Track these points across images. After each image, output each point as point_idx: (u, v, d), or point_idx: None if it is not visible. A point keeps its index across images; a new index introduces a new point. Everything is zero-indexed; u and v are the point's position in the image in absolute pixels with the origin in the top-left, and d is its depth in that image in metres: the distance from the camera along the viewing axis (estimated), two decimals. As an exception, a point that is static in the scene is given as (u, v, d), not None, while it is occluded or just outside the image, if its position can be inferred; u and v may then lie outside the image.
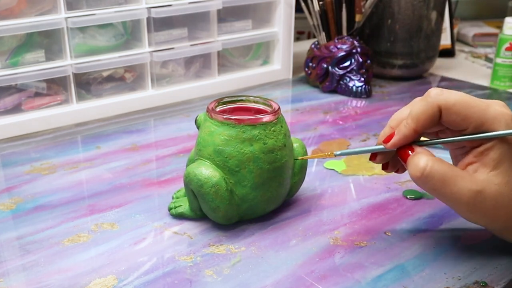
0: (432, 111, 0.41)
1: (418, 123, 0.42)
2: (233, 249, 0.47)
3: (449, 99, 0.41)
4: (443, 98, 0.41)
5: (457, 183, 0.41)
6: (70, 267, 0.45)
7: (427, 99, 0.42)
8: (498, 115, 0.41)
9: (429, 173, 0.41)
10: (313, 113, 0.81)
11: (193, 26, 0.85)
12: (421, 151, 0.43)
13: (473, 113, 0.41)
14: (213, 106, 0.50)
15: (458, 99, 0.41)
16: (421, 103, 0.42)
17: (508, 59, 0.92)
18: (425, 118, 0.42)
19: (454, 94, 0.41)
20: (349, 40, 0.89)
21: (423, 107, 0.42)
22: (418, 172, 0.41)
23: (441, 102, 0.41)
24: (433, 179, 0.41)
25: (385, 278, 0.43)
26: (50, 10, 0.72)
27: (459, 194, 0.41)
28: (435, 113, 0.42)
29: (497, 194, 0.41)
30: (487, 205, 0.41)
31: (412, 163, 0.42)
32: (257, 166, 0.48)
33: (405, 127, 0.43)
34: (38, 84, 0.74)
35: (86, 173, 0.62)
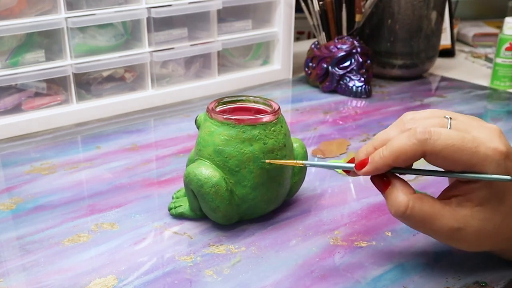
0: (414, 154, 0.39)
1: (396, 160, 0.39)
2: (233, 249, 0.47)
3: (436, 145, 0.38)
4: (430, 144, 0.38)
5: (437, 221, 0.39)
6: (70, 267, 0.45)
7: (411, 139, 0.38)
8: (488, 156, 0.38)
9: (410, 214, 0.39)
10: (313, 113, 0.81)
11: (193, 26, 0.85)
12: (399, 187, 0.40)
13: (461, 156, 0.38)
14: (213, 106, 0.50)
15: (445, 145, 0.38)
16: (404, 141, 0.39)
17: (508, 59, 0.92)
18: (404, 158, 0.39)
19: (442, 137, 0.38)
20: (349, 40, 0.89)
21: (405, 146, 0.39)
22: (398, 212, 0.40)
23: (427, 148, 0.38)
24: (414, 219, 0.40)
25: (385, 278, 0.43)
26: (50, 10, 0.72)
27: (439, 231, 0.40)
28: (417, 157, 0.39)
29: (479, 230, 0.39)
30: (469, 239, 0.40)
31: (390, 200, 0.40)
32: (257, 166, 0.48)
33: (380, 159, 0.40)
34: (38, 84, 0.74)
35: (86, 173, 0.62)
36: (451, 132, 0.38)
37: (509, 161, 0.39)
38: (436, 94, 0.91)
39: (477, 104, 0.86)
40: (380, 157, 0.40)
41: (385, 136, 0.42)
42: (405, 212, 0.39)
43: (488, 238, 0.40)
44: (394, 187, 0.40)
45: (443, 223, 0.39)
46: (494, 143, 0.38)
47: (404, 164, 0.40)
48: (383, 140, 0.41)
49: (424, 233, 0.41)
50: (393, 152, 0.39)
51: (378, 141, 0.42)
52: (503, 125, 0.78)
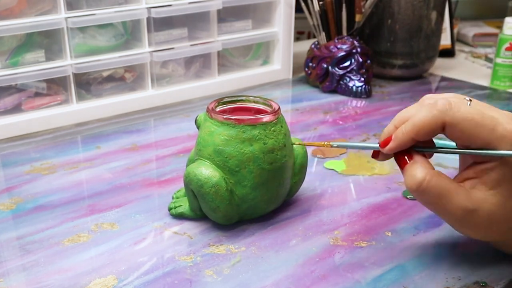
0: (435, 125, 0.40)
1: (418, 133, 0.40)
2: (233, 249, 0.47)
3: (455, 117, 0.39)
4: (450, 115, 0.39)
5: (452, 200, 0.40)
6: (70, 267, 0.45)
7: (432, 111, 0.39)
8: (505, 137, 0.39)
9: (425, 188, 0.40)
10: (313, 113, 0.81)
11: (193, 26, 0.85)
12: (419, 161, 0.41)
13: (480, 132, 0.39)
14: (213, 106, 0.50)
15: (465, 118, 0.39)
16: (425, 113, 0.40)
17: (508, 59, 0.92)
18: (426, 131, 0.40)
19: (462, 110, 0.39)
20: (349, 40, 0.89)
21: (426, 119, 0.40)
22: (414, 184, 0.40)
23: (447, 119, 0.39)
24: (429, 193, 0.40)
25: (385, 278, 0.43)
26: (50, 10, 0.72)
27: (453, 210, 0.40)
28: (438, 127, 0.40)
29: (491, 213, 0.40)
30: (479, 223, 0.40)
31: (409, 173, 0.41)
32: (257, 166, 0.48)
33: (402, 135, 0.41)
34: (38, 84, 0.74)
35: (86, 173, 0.62)
36: (471, 108, 0.39)
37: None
38: (436, 94, 0.91)
39: (477, 104, 0.86)
40: (402, 133, 0.41)
41: (406, 113, 0.42)
42: (421, 184, 0.40)
43: (498, 224, 0.41)
44: (415, 162, 0.41)
45: (458, 202, 0.40)
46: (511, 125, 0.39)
47: (427, 137, 0.41)
48: (404, 118, 0.42)
49: (436, 212, 0.41)
50: (415, 126, 0.40)
51: (399, 119, 0.43)
52: (503, 125, 0.78)
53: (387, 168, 0.62)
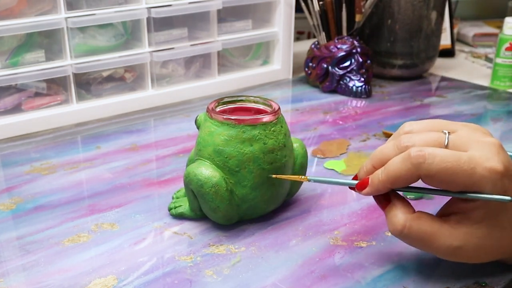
0: (410, 177, 0.39)
1: (394, 183, 0.40)
2: (233, 249, 0.47)
3: (430, 169, 0.38)
4: (425, 168, 0.38)
5: (437, 240, 0.40)
6: (70, 267, 0.45)
7: (406, 164, 0.38)
8: (484, 177, 0.37)
9: (407, 233, 0.40)
10: (313, 113, 0.81)
11: (193, 26, 0.85)
12: (398, 205, 0.41)
13: (458, 179, 0.38)
14: (213, 106, 0.50)
15: (440, 169, 0.37)
16: (399, 165, 0.39)
17: (508, 59, 0.92)
18: (400, 182, 0.40)
19: (437, 161, 0.37)
20: (349, 40, 0.89)
21: (401, 171, 0.39)
22: (396, 231, 0.40)
23: (422, 172, 0.38)
24: (411, 238, 0.40)
25: (385, 278, 0.43)
26: (50, 10, 0.72)
27: (439, 249, 0.40)
28: (413, 178, 0.39)
29: (479, 246, 0.40)
30: (469, 255, 0.41)
31: (389, 218, 0.41)
32: (257, 166, 0.48)
33: (378, 182, 0.41)
34: (38, 84, 0.74)
35: (86, 173, 0.62)
36: (446, 154, 0.38)
37: (507, 179, 0.38)
38: (436, 94, 0.91)
39: (477, 104, 0.86)
40: (378, 180, 0.41)
41: (382, 154, 0.42)
42: (402, 231, 0.40)
43: (489, 253, 0.41)
44: (394, 206, 0.41)
45: (442, 242, 0.40)
46: (491, 162, 0.38)
47: (403, 186, 0.40)
48: (381, 160, 0.42)
49: (424, 250, 0.42)
50: (389, 177, 0.40)
51: (376, 160, 0.42)
52: (503, 125, 0.78)
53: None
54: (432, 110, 0.83)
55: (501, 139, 0.72)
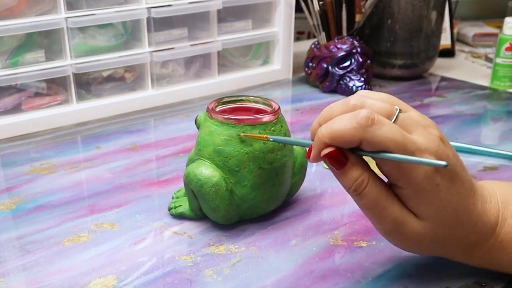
0: (352, 138, 0.36)
1: (333, 141, 0.37)
2: (233, 249, 0.47)
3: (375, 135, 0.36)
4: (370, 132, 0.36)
5: (388, 208, 0.38)
6: (70, 267, 0.45)
7: (352, 123, 0.36)
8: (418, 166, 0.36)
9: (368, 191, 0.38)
10: (313, 113, 0.81)
11: (193, 26, 0.85)
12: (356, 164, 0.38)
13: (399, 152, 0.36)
14: (213, 106, 0.50)
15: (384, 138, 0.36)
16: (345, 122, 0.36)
17: (508, 59, 0.92)
18: (342, 140, 0.37)
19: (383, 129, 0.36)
20: (349, 40, 0.89)
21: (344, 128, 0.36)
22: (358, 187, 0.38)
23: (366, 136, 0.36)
24: (368, 196, 0.38)
25: (385, 278, 0.43)
26: (50, 10, 0.72)
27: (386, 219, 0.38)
28: (355, 140, 0.36)
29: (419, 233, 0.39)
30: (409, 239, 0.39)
31: (349, 174, 0.38)
32: (257, 166, 0.48)
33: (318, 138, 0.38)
34: (38, 84, 0.74)
35: (86, 173, 0.62)
36: (394, 127, 0.36)
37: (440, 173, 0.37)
38: (436, 94, 0.91)
39: (477, 104, 0.86)
40: (318, 136, 0.38)
41: (329, 111, 0.39)
42: (365, 188, 0.38)
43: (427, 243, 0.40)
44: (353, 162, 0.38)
45: (391, 212, 0.38)
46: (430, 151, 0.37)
47: (341, 146, 0.37)
48: (328, 116, 0.39)
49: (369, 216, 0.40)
50: (332, 132, 0.37)
51: (323, 117, 0.39)
52: (503, 125, 0.78)
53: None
54: (432, 110, 0.83)
55: (501, 139, 0.73)
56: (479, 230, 0.40)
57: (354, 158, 0.38)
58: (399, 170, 0.37)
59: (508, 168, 0.63)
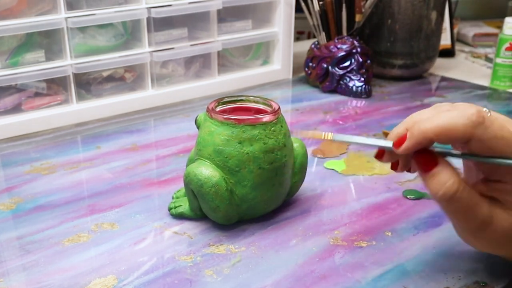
0: (462, 134, 0.36)
1: (440, 134, 0.36)
2: (233, 249, 0.47)
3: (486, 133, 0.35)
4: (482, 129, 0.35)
5: (477, 211, 0.37)
6: (70, 267, 0.45)
7: (464, 118, 0.35)
8: None
9: (459, 197, 0.37)
10: (313, 113, 0.81)
11: (193, 26, 0.85)
12: (449, 167, 0.37)
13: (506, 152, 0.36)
14: (213, 106, 0.50)
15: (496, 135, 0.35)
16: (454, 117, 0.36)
17: (508, 59, 0.92)
18: (449, 135, 0.36)
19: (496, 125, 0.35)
20: (349, 40, 0.89)
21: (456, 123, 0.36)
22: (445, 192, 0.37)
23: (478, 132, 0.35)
24: (459, 203, 0.37)
25: (385, 278, 0.43)
26: (50, 10, 0.72)
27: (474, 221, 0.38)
28: (463, 137, 0.36)
29: (507, 232, 0.38)
30: (492, 238, 0.39)
31: (438, 179, 0.37)
32: (257, 166, 0.48)
33: (419, 132, 0.37)
34: (38, 84, 0.74)
35: (86, 173, 0.62)
36: (505, 122, 0.36)
37: None
38: (436, 94, 0.91)
39: (477, 104, 0.85)
40: (420, 130, 0.37)
41: (420, 116, 0.39)
42: (455, 194, 0.36)
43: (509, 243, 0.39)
44: (443, 167, 0.37)
45: (481, 214, 0.37)
46: None
47: (445, 143, 0.37)
48: (417, 120, 0.38)
49: (457, 220, 0.39)
50: (438, 126, 0.36)
51: (411, 122, 0.39)
52: (503, 125, 0.78)
53: (387, 168, 0.62)
54: (432, 110, 0.83)
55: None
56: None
57: (444, 161, 0.38)
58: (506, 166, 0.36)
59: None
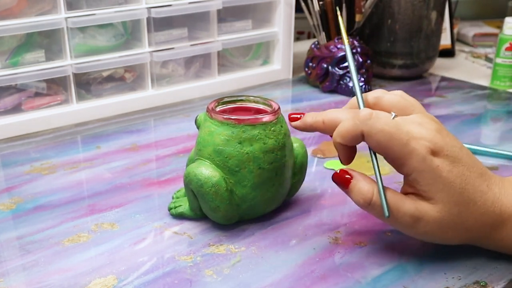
0: (355, 133, 0.42)
1: (343, 140, 0.43)
2: (233, 249, 0.47)
3: (373, 127, 0.41)
4: (369, 125, 0.41)
5: (400, 208, 0.42)
6: (70, 267, 0.45)
7: (354, 120, 0.42)
8: (415, 150, 0.40)
9: (375, 202, 0.42)
10: (313, 113, 0.81)
11: (193, 26, 0.85)
12: (361, 177, 0.44)
13: (393, 145, 0.40)
14: (213, 106, 0.50)
15: (381, 129, 0.40)
16: (348, 122, 0.43)
17: (508, 59, 0.92)
18: (348, 138, 0.43)
19: (380, 122, 0.41)
20: (349, 40, 0.89)
21: (349, 127, 0.42)
22: (365, 200, 0.42)
23: (365, 128, 0.41)
24: (378, 208, 0.42)
25: (385, 278, 0.43)
26: (50, 10, 0.72)
27: (403, 219, 0.42)
28: (358, 136, 0.42)
29: (439, 221, 0.41)
30: (432, 229, 0.42)
31: (355, 191, 0.43)
32: (257, 166, 0.48)
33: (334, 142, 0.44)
34: (38, 84, 0.74)
35: (86, 173, 0.62)
36: (391, 121, 0.41)
37: (438, 158, 0.41)
38: (436, 94, 0.92)
39: (477, 104, 0.86)
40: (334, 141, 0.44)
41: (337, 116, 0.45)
42: (371, 199, 0.42)
43: (452, 230, 0.42)
44: (358, 179, 0.43)
45: (405, 210, 0.41)
46: (426, 140, 0.41)
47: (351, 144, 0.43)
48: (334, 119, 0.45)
49: (389, 223, 0.43)
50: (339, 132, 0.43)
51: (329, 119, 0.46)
52: (503, 125, 0.78)
53: (387, 168, 0.62)
54: (432, 110, 0.83)
55: (501, 139, 0.73)
56: (498, 210, 0.42)
57: (357, 174, 0.44)
58: (399, 160, 0.41)
59: (508, 168, 0.63)
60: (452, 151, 0.41)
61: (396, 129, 0.41)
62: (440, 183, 0.41)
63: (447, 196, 0.41)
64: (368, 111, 0.41)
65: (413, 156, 0.40)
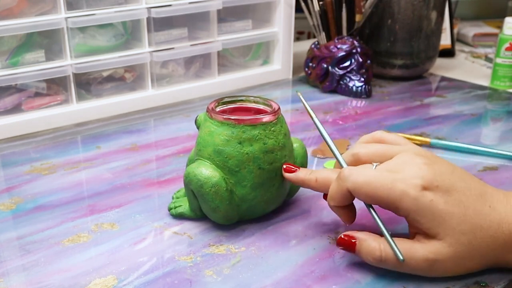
0: (341, 192, 0.43)
1: (335, 201, 0.44)
2: (233, 249, 0.47)
3: (356, 182, 0.41)
4: (351, 181, 0.42)
5: (413, 256, 0.41)
6: (70, 267, 0.45)
7: (338, 181, 0.43)
8: (404, 191, 0.40)
9: (386, 257, 0.42)
10: (313, 113, 0.81)
11: (193, 26, 0.85)
12: (365, 236, 0.43)
13: (381, 193, 0.41)
14: (213, 106, 0.50)
15: (364, 181, 0.41)
16: (333, 184, 0.44)
17: (508, 59, 0.92)
18: (338, 200, 0.44)
19: (361, 175, 0.41)
20: (349, 40, 0.89)
21: (335, 188, 0.43)
22: (375, 259, 0.42)
23: (349, 185, 0.42)
24: (390, 260, 0.42)
25: (385, 278, 0.43)
26: (50, 10, 0.72)
27: (418, 266, 0.41)
28: (347, 194, 0.43)
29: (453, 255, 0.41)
30: (448, 267, 0.41)
31: (364, 251, 0.43)
32: (257, 166, 0.48)
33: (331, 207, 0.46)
34: (38, 84, 0.74)
35: (86, 173, 0.62)
36: (370, 171, 0.42)
37: (430, 191, 0.40)
38: (436, 94, 0.92)
39: (477, 104, 0.86)
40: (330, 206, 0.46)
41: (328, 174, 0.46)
42: (381, 256, 0.42)
43: (467, 260, 0.41)
44: (361, 240, 0.43)
45: (418, 256, 0.41)
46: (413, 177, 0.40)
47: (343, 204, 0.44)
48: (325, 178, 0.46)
49: (406, 271, 0.42)
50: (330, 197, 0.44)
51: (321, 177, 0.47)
52: (503, 125, 0.78)
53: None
54: (432, 110, 0.83)
55: (501, 139, 0.73)
56: (507, 230, 0.41)
57: (361, 235, 0.44)
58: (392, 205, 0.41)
59: (508, 168, 0.63)
60: (442, 180, 0.40)
61: (378, 177, 0.41)
62: (439, 217, 0.40)
63: (451, 228, 0.40)
64: (348, 169, 0.42)
65: (403, 198, 0.40)
